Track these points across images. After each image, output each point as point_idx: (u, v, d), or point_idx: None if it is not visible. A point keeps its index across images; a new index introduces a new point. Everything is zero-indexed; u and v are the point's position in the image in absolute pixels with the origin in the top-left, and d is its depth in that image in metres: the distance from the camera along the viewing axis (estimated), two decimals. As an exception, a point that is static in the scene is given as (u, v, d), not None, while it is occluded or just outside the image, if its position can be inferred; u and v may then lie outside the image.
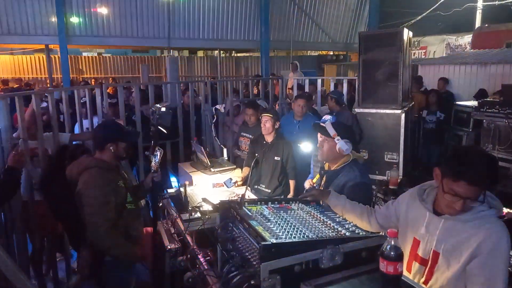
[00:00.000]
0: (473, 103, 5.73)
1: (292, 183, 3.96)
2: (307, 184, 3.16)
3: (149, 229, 3.12)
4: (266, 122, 3.88)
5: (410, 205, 1.86)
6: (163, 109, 3.22)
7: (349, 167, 2.50)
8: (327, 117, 3.77)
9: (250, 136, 4.52)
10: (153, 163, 2.92)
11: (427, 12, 14.14)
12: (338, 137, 2.48)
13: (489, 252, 1.54)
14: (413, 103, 5.98)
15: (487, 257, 1.54)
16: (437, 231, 1.68)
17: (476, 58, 8.33)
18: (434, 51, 14.66)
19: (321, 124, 2.67)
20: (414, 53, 14.50)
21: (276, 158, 3.89)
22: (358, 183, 2.42)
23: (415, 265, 1.78)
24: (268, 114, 3.90)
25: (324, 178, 2.69)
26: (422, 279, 1.74)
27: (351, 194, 2.29)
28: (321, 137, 2.60)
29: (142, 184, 3.11)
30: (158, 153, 2.91)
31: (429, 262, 1.71)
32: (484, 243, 1.55)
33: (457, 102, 6.55)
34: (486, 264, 1.54)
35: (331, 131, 2.51)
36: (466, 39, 13.48)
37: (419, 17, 14.34)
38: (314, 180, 2.97)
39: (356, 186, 2.42)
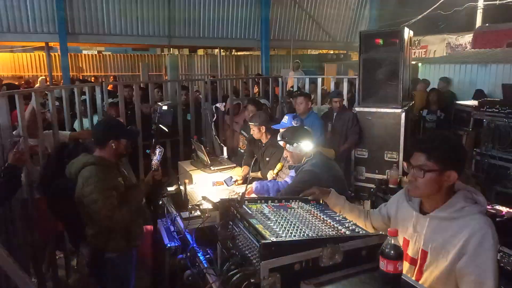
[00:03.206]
0: (473, 102, 5.73)
1: (246, 168, 3.96)
2: (269, 176, 3.56)
3: (149, 227, 3.13)
4: (253, 131, 3.91)
5: (400, 205, 1.89)
6: (165, 107, 3.23)
7: (311, 158, 2.83)
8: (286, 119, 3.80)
9: (247, 135, 4.53)
10: (153, 161, 2.93)
11: (428, 11, 14.11)
12: (288, 145, 2.83)
13: (476, 249, 1.54)
14: (413, 102, 5.98)
15: (474, 254, 1.55)
16: (424, 230, 1.70)
17: (477, 57, 8.32)
18: (435, 51, 14.63)
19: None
20: (415, 52, 14.47)
21: (267, 159, 3.90)
22: (307, 170, 2.75)
23: (406, 265, 1.78)
24: (251, 123, 3.90)
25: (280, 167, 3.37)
26: (413, 279, 1.74)
27: (296, 177, 2.81)
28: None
29: (142, 182, 3.10)
30: (158, 151, 2.91)
31: (418, 261, 1.72)
32: (469, 241, 1.56)
33: (457, 102, 6.55)
34: (474, 261, 1.55)
35: (280, 142, 2.90)
36: (466, 39, 13.44)
37: (420, 16, 14.30)
38: (275, 172, 3.49)
39: (304, 172, 2.75)
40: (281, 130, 3.27)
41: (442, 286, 1.65)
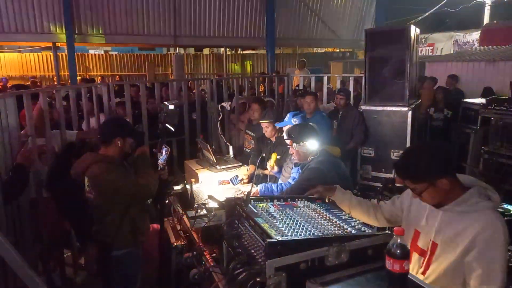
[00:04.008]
0: (481, 100, 5.67)
1: (252, 167, 3.94)
2: (268, 167, 3.60)
3: (156, 226, 3.14)
4: (267, 129, 3.89)
5: (414, 198, 1.88)
6: (171, 107, 3.23)
7: (317, 156, 2.82)
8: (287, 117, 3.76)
9: (253, 134, 4.53)
10: (160, 161, 2.93)
11: (435, 9, 14.00)
12: (294, 144, 2.81)
13: (486, 244, 1.55)
14: (420, 100, 5.94)
15: (484, 249, 1.55)
16: (436, 222, 1.72)
17: (485, 55, 8.24)
18: (442, 48, 14.52)
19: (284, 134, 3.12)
20: (421, 50, 14.36)
21: (278, 157, 3.89)
22: (313, 167, 2.74)
23: (415, 256, 1.81)
24: (265, 121, 3.89)
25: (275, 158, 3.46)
26: (421, 270, 1.76)
27: (302, 174, 2.80)
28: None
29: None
30: (164, 151, 2.92)
31: (428, 253, 1.74)
32: (480, 235, 1.56)
33: (465, 100, 6.49)
34: (483, 256, 1.55)
35: (287, 140, 2.87)
36: (474, 36, 13.31)
37: (427, 14, 14.20)
38: (271, 164, 3.54)
39: (309, 169, 2.75)
40: (285, 128, 3.26)
41: (449, 278, 1.66)
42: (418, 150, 1.78)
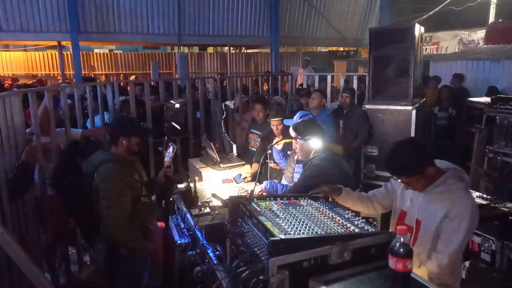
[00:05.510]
0: (486, 99, 5.64)
1: (255, 165, 3.93)
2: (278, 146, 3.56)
3: (161, 224, 3.16)
4: (278, 126, 3.86)
5: (401, 183, 2.15)
6: (177, 105, 3.24)
7: (320, 153, 2.83)
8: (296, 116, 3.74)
9: (259, 133, 4.53)
10: (166, 159, 2.94)
11: (439, 7, 13.92)
12: (299, 138, 2.81)
13: (454, 216, 1.93)
14: (424, 99, 5.92)
15: (452, 219, 1.93)
16: (418, 202, 2.06)
17: (490, 53, 8.19)
18: (447, 47, 14.43)
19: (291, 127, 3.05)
20: (426, 49, 14.28)
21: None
22: (315, 164, 2.76)
23: None
24: (277, 119, 3.87)
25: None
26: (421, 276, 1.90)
27: (305, 171, 2.83)
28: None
29: (155, 179, 3.13)
30: (171, 149, 2.93)
31: (414, 229, 2.07)
32: (451, 210, 1.93)
33: (469, 98, 6.45)
34: (450, 224, 1.93)
35: (292, 133, 2.88)
36: (479, 35, 13.21)
37: (431, 12, 14.11)
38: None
39: (312, 166, 2.77)
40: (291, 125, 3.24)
41: (433, 246, 1.99)
42: (402, 149, 1.98)
